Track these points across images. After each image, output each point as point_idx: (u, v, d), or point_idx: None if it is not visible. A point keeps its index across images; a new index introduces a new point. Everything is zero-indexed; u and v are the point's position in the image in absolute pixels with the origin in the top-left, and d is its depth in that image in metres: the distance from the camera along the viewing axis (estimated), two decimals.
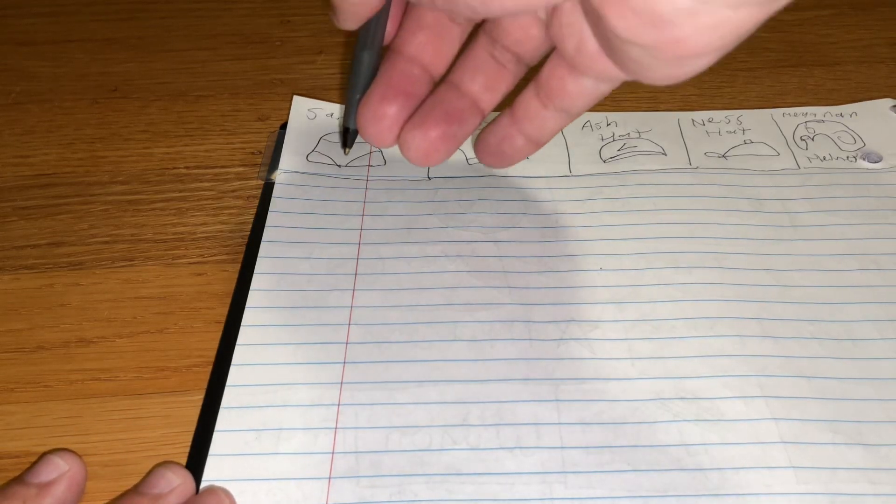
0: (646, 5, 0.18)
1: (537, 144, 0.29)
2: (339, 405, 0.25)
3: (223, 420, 0.25)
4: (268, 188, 0.33)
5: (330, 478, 0.24)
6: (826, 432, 0.25)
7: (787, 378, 0.26)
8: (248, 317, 0.28)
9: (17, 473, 0.23)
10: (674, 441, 0.24)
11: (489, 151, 0.30)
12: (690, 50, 0.19)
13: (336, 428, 0.25)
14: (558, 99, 0.26)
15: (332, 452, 0.24)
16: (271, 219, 0.31)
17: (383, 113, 0.27)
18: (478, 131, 0.30)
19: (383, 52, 0.28)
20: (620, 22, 0.19)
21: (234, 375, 0.26)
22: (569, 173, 0.34)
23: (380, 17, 0.27)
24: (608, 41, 0.21)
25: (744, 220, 0.31)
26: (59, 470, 0.23)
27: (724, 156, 0.35)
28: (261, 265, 0.29)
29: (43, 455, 0.24)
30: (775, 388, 0.26)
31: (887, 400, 0.25)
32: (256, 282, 0.29)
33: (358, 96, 0.28)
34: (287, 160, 0.34)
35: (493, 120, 0.30)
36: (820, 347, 0.27)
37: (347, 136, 0.30)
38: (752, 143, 0.35)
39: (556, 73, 0.26)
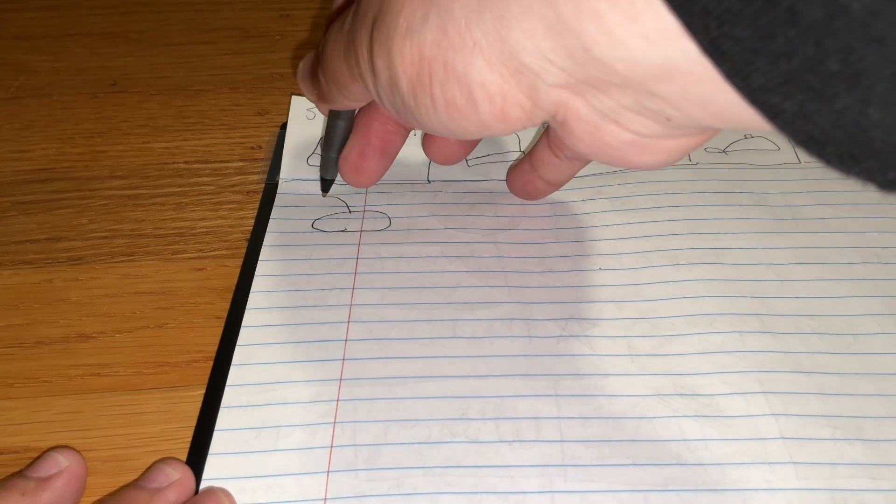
0: (593, 139, 0.20)
1: (557, 185, 0.31)
2: (337, 401, 0.25)
3: (223, 419, 0.25)
4: (269, 188, 0.33)
5: (328, 472, 0.24)
6: (826, 428, 0.24)
7: (787, 374, 0.26)
8: (248, 318, 0.28)
9: (16, 469, 0.23)
10: (674, 436, 0.24)
11: (517, 190, 0.32)
12: (642, 167, 0.21)
13: (334, 423, 0.25)
14: (567, 150, 0.28)
15: (331, 447, 0.24)
16: (272, 226, 0.31)
17: (363, 167, 0.29)
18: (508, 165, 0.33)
19: None
20: (579, 147, 0.21)
21: (234, 375, 0.26)
22: None
23: None
24: None
25: (744, 214, 0.31)
26: (60, 466, 0.23)
27: (724, 151, 0.34)
28: (261, 268, 0.29)
29: (44, 452, 0.24)
30: (775, 384, 0.26)
31: (887, 395, 0.25)
32: (257, 283, 0.29)
33: (334, 155, 0.31)
34: (287, 167, 0.34)
35: (517, 163, 0.32)
36: (820, 342, 0.27)
37: (324, 184, 0.32)
38: (752, 137, 0.35)
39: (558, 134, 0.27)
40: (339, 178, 0.33)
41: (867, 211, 0.31)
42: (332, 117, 0.30)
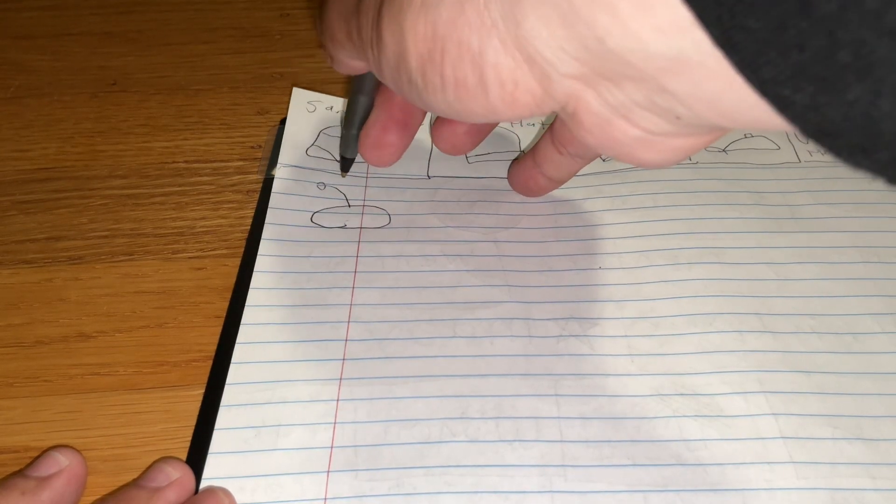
0: (602, 132, 0.20)
1: (559, 182, 0.31)
2: (337, 401, 0.25)
3: (223, 418, 0.25)
4: (267, 184, 0.33)
5: (328, 472, 0.24)
6: (826, 427, 0.24)
7: (787, 373, 0.26)
8: (247, 315, 0.28)
9: (16, 468, 0.23)
10: (673, 436, 0.24)
11: (518, 186, 0.32)
12: (650, 165, 0.21)
13: (335, 423, 0.25)
14: (571, 146, 0.28)
15: (331, 447, 0.24)
16: (271, 216, 0.31)
17: (384, 141, 0.29)
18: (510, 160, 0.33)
19: None
20: (587, 139, 0.20)
21: (234, 373, 0.26)
22: None
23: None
24: None
25: (744, 213, 0.31)
26: (60, 465, 0.23)
27: (724, 150, 0.34)
28: (261, 263, 0.29)
29: (44, 451, 0.24)
30: (775, 384, 0.26)
31: (887, 395, 0.25)
32: (256, 280, 0.29)
33: (354, 132, 0.30)
34: (286, 154, 0.34)
35: (520, 158, 0.32)
36: (820, 342, 0.27)
37: (344, 163, 0.32)
38: (752, 136, 0.35)
39: (566, 125, 0.27)
40: (338, 172, 0.33)
41: (867, 211, 0.31)
42: (354, 93, 0.30)
